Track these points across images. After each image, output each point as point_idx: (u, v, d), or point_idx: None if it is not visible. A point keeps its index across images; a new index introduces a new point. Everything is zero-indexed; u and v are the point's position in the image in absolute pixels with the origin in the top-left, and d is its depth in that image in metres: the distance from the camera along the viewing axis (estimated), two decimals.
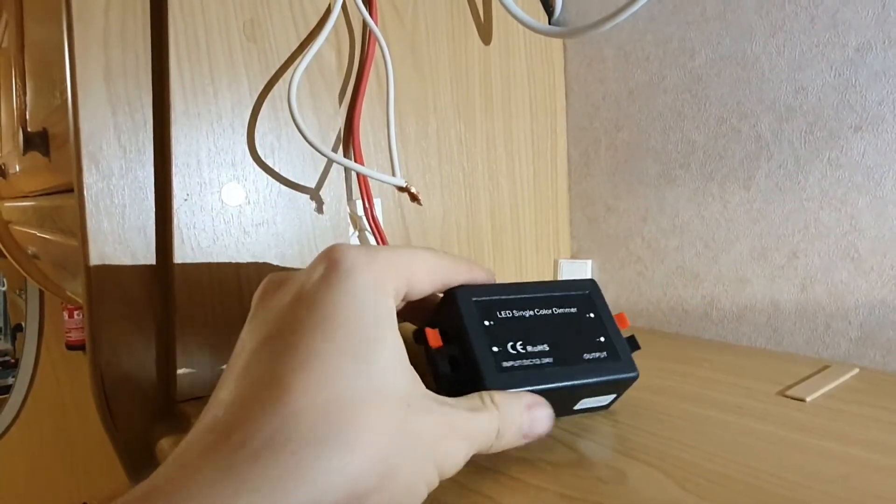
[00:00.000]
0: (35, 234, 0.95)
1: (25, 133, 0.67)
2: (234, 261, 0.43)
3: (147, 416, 0.42)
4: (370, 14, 0.49)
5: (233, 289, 0.43)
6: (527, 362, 0.36)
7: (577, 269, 0.65)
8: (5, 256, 1.26)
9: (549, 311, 0.37)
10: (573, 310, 0.37)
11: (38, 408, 1.78)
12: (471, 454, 0.30)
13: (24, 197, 0.99)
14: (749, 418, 0.39)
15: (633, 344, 0.38)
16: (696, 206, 0.56)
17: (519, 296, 0.37)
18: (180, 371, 0.42)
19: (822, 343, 0.49)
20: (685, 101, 0.56)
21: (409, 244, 0.53)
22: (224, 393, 0.25)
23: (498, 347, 0.35)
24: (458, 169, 0.57)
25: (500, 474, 0.33)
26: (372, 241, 0.50)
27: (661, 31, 0.56)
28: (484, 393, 0.32)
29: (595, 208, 0.64)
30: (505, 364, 0.35)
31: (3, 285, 2.35)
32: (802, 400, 0.41)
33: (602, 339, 0.37)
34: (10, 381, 1.80)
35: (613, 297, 0.63)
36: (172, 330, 0.42)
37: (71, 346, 1.59)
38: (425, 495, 0.28)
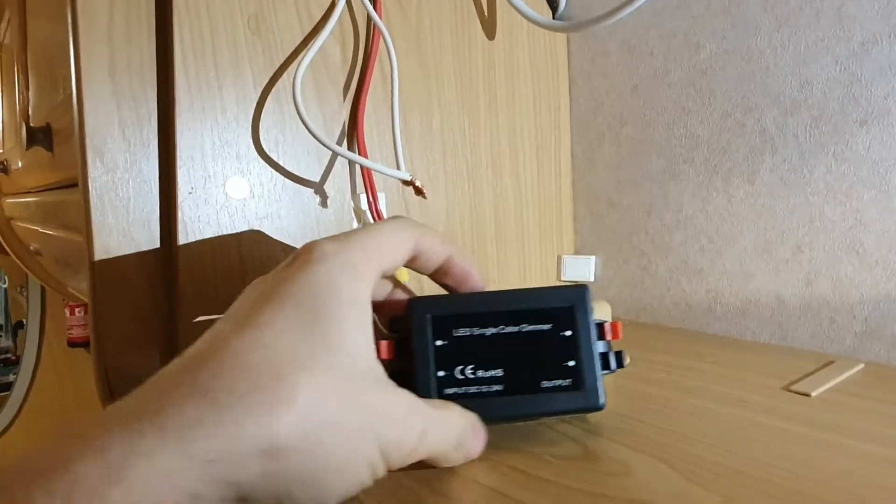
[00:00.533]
0: (38, 230, 0.95)
1: (29, 128, 0.67)
2: (239, 254, 0.43)
3: None
4: (374, 9, 0.49)
5: (238, 284, 0.43)
6: (472, 389, 0.34)
7: (580, 265, 0.65)
8: (7, 253, 1.26)
9: (517, 329, 0.35)
10: (546, 327, 0.35)
11: (39, 405, 1.78)
12: (422, 450, 0.30)
13: (27, 193, 0.99)
14: (754, 412, 0.39)
15: (618, 361, 0.36)
16: (701, 200, 0.56)
17: (484, 311, 0.35)
18: None
19: (826, 338, 0.49)
20: (689, 96, 0.56)
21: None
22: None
23: (444, 372, 0.34)
24: (462, 163, 0.57)
25: (504, 466, 0.33)
26: None
27: (665, 25, 0.56)
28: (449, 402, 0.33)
29: (599, 203, 0.64)
30: (447, 391, 0.34)
31: (5, 282, 2.35)
32: (807, 395, 0.41)
33: (571, 363, 0.35)
34: (11, 378, 1.80)
35: (617, 293, 0.63)
36: (177, 324, 0.42)
37: (72, 344, 1.59)
38: (368, 478, 0.28)
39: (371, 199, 0.49)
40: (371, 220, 0.49)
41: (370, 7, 0.48)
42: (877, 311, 0.47)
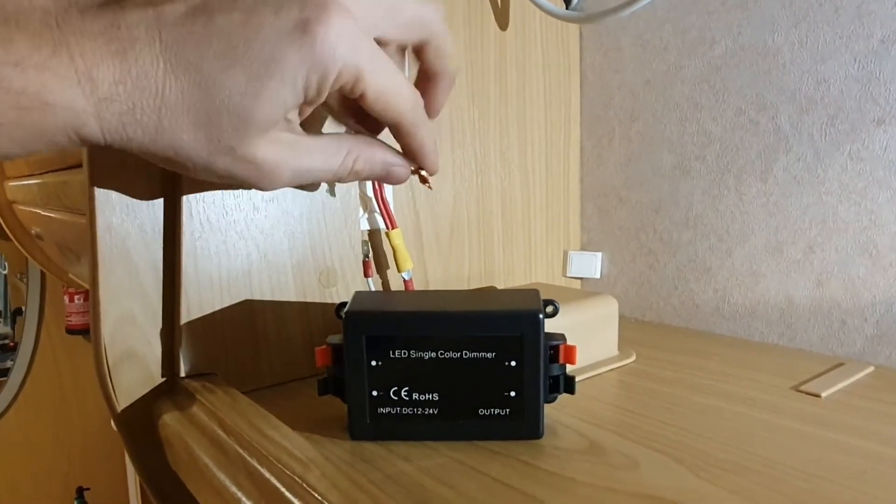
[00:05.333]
0: (39, 213, 0.94)
1: None
2: (243, 236, 0.43)
3: (149, 393, 0.42)
4: None
5: (241, 265, 0.43)
6: (407, 411, 0.34)
7: (586, 261, 0.64)
8: (9, 238, 1.25)
9: (458, 355, 0.33)
10: (490, 355, 0.33)
11: (36, 392, 1.78)
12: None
13: (30, 175, 0.98)
14: (763, 411, 0.38)
15: (567, 386, 0.35)
16: (711, 198, 0.55)
17: (424, 334, 0.33)
18: (184, 347, 0.41)
19: (836, 340, 0.49)
20: (703, 92, 0.55)
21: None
22: None
23: (378, 392, 0.34)
24: (471, 154, 0.56)
25: (510, 458, 0.33)
26: (381, 222, 0.49)
27: (680, 20, 0.56)
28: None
29: (607, 199, 0.63)
30: (381, 410, 0.34)
31: (5, 268, 2.34)
32: (818, 395, 0.41)
33: (512, 393, 0.33)
34: (8, 364, 1.79)
35: (623, 290, 0.63)
36: (178, 305, 0.41)
37: (71, 331, 1.58)
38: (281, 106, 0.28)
39: (377, 186, 0.48)
40: (377, 209, 0.48)
41: None
42: (889, 314, 0.46)
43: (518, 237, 0.61)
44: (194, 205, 0.41)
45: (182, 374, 0.41)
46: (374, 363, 0.34)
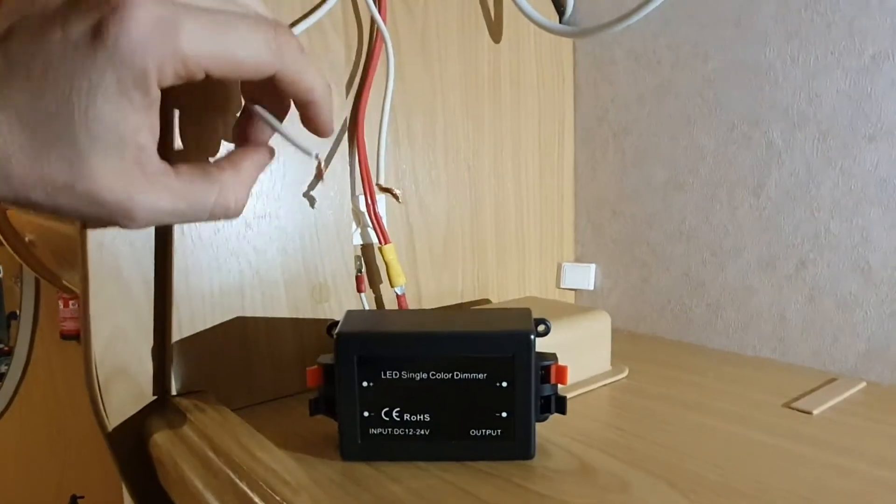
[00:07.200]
0: (33, 219, 0.94)
1: None
2: (234, 253, 0.43)
3: (140, 411, 0.41)
4: (379, 8, 0.48)
5: (233, 281, 0.43)
6: (399, 431, 0.34)
7: (580, 273, 0.64)
8: (2, 244, 1.24)
9: (449, 376, 0.33)
10: (481, 376, 0.33)
11: (30, 397, 1.77)
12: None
13: None
14: (755, 430, 0.38)
15: (559, 406, 0.35)
16: (704, 212, 0.55)
17: (415, 354, 0.33)
18: (176, 364, 0.41)
19: (828, 356, 0.49)
20: (696, 106, 0.55)
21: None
22: None
23: (370, 412, 0.34)
24: (464, 168, 0.56)
25: (502, 480, 0.33)
26: (374, 237, 0.49)
27: (674, 34, 0.56)
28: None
29: (601, 212, 0.63)
30: (372, 430, 0.34)
31: (0, 272, 2.33)
32: (809, 413, 0.41)
33: (503, 414, 0.33)
34: (2, 369, 1.78)
35: (617, 303, 0.63)
36: (169, 321, 0.41)
37: (66, 336, 1.58)
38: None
39: (370, 201, 0.48)
40: (369, 224, 0.48)
41: (374, 8, 0.48)
42: (881, 331, 0.46)
43: (512, 250, 0.61)
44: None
45: (174, 391, 0.41)
46: (365, 384, 0.34)
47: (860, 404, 0.42)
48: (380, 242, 0.49)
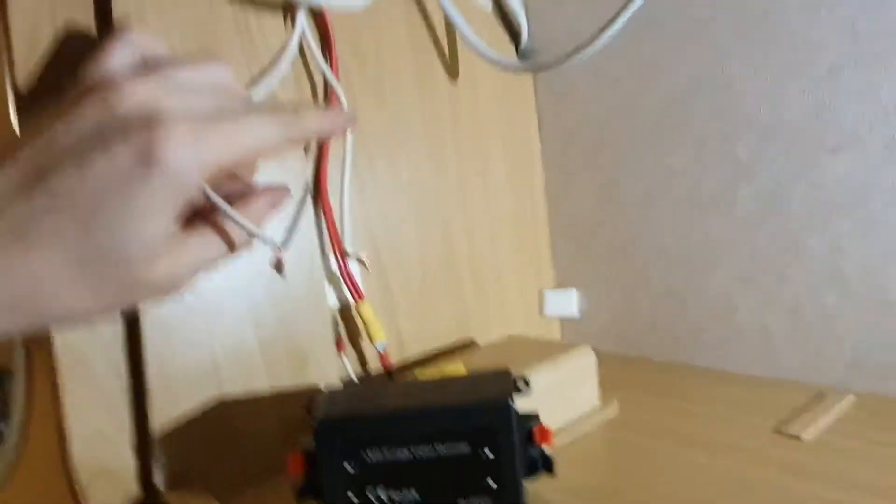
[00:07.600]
0: None
1: None
2: (207, 330, 0.42)
3: None
4: (329, 60, 0.48)
5: (207, 360, 0.42)
6: None
7: (561, 299, 0.64)
8: None
9: (433, 451, 0.33)
10: (464, 446, 0.33)
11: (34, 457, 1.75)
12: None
13: None
14: (745, 463, 0.38)
15: (546, 465, 0.34)
16: (679, 231, 0.55)
17: (397, 430, 0.33)
18: (158, 457, 0.40)
19: (815, 369, 0.48)
20: (663, 124, 0.54)
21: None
22: None
23: (357, 497, 0.33)
24: (433, 207, 0.56)
25: None
26: (349, 296, 0.48)
27: (634, 53, 0.55)
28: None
29: (577, 236, 0.63)
30: None
31: None
32: (798, 438, 0.40)
33: (490, 481, 0.33)
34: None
35: (601, 326, 0.62)
36: (147, 412, 0.40)
37: None
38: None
39: (340, 261, 0.47)
40: (344, 287, 0.48)
41: (322, 62, 0.47)
42: (863, 341, 0.46)
43: (489, 281, 0.60)
44: (152, 307, 0.40)
45: (160, 486, 0.40)
46: (350, 470, 0.33)
47: (851, 422, 0.42)
48: (355, 300, 0.48)
